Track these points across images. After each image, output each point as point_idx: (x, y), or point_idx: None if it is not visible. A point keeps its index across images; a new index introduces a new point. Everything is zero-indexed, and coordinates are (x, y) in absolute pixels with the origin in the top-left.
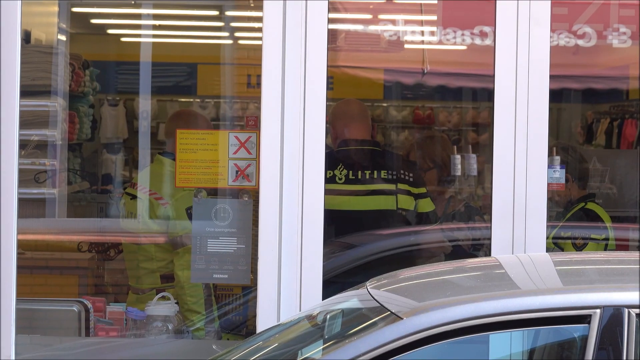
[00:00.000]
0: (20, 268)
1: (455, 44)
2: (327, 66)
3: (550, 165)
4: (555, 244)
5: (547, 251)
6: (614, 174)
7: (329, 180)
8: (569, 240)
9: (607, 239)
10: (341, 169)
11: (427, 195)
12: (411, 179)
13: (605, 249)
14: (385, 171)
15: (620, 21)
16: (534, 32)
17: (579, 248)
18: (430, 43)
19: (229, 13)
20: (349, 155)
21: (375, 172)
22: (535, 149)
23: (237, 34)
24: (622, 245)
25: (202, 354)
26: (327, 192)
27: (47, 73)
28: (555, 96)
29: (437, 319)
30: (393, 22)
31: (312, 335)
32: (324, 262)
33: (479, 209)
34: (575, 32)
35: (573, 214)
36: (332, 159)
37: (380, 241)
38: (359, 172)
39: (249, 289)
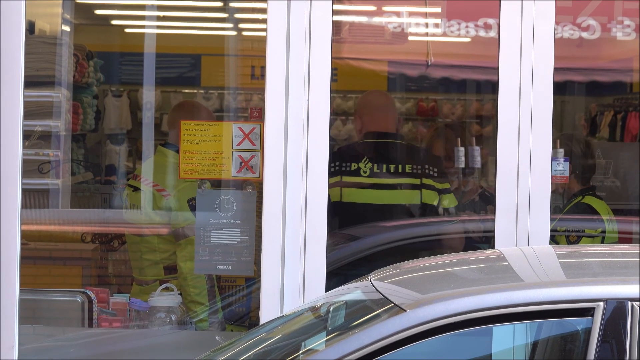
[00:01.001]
0: (23, 258)
1: (459, 36)
2: (331, 58)
3: (554, 157)
4: (551, 238)
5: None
6: (617, 166)
7: (353, 172)
8: (563, 234)
9: (603, 232)
10: (366, 162)
11: (450, 191)
12: (435, 174)
13: (602, 243)
14: (410, 165)
15: (625, 14)
16: (539, 24)
17: (573, 243)
18: (434, 35)
19: (233, 4)
20: (373, 148)
21: (400, 166)
22: (539, 141)
23: (241, 25)
24: (622, 239)
25: (206, 345)
26: (351, 185)
27: (51, 64)
28: (559, 88)
29: (441, 311)
30: (397, 14)
31: (316, 327)
32: (332, 253)
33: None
34: (579, 24)
35: (570, 207)
36: (355, 151)
37: (389, 232)
38: (384, 166)
39: (253, 280)
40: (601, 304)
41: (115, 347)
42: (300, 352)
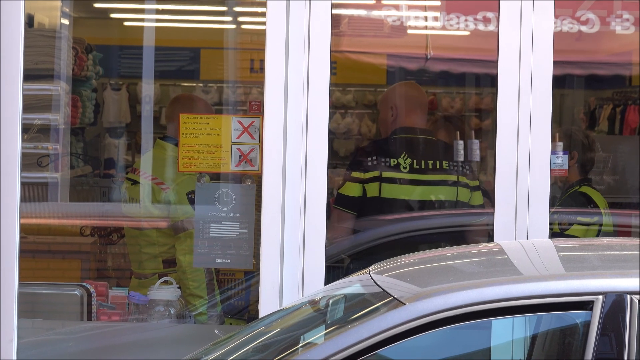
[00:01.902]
0: (22, 252)
1: (458, 29)
2: (331, 51)
3: (554, 151)
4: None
5: None
6: (616, 160)
7: (393, 168)
8: (561, 224)
9: (599, 224)
10: (405, 157)
11: (480, 188)
12: (468, 172)
13: (598, 235)
14: (447, 162)
15: (624, 8)
16: (538, 18)
17: (563, 230)
18: (433, 28)
19: None
20: (411, 144)
21: (438, 162)
22: (539, 135)
23: (240, 19)
24: (619, 232)
25: (205, 339)
26: (390, 180)
27: (50, 57)
28: (559, 82)
29: (440, 304)
30: (396, 7)
31: (314, 321)
32: (331, 246)
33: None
34: (578, 18)
35: (566, 197)
36: (393, 145)
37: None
38: (422, 162)
39: (252, 274)
40: (600, 297)
41: (114, 341)
42: (299, 345)
